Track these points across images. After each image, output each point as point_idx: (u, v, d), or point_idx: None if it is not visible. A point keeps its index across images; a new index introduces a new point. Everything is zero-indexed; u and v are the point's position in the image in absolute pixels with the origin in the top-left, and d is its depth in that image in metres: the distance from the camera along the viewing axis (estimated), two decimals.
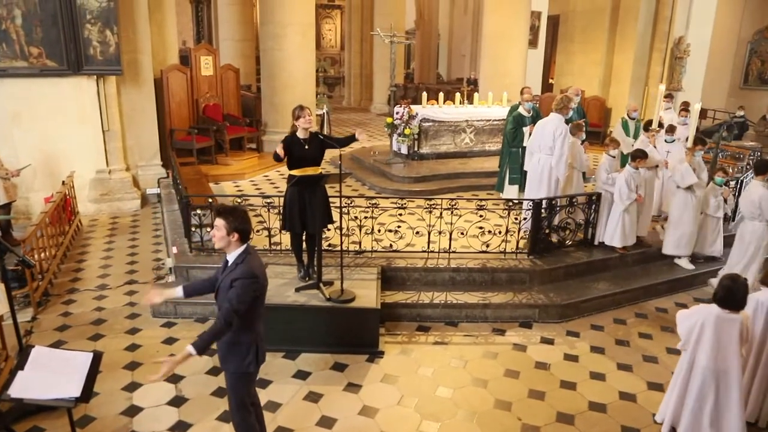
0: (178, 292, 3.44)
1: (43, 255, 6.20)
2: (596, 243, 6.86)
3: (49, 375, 3.22)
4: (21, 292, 5.63)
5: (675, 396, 4.09)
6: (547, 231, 6.52)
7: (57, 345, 5.06)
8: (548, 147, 6.73)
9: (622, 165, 7.22)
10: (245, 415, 3.46)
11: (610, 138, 7.21)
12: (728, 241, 6.84)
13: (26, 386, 3.13)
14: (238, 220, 3.17)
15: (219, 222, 3.18)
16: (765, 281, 4.26)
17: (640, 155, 6.58)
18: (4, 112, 8.08)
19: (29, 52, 7.92)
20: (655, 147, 6.82)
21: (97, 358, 3.42)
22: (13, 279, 5.44)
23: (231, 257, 3.25)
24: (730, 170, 7.81)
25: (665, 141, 7.90)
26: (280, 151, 5.13)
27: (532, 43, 16.09)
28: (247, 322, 3.23)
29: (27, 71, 7.98)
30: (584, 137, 7.25)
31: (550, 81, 18.28)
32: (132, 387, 4.58)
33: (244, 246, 3.24)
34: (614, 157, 6.96)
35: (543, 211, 6.38)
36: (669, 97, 10.62)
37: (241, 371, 3.34)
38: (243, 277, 3.12)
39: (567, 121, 7.68)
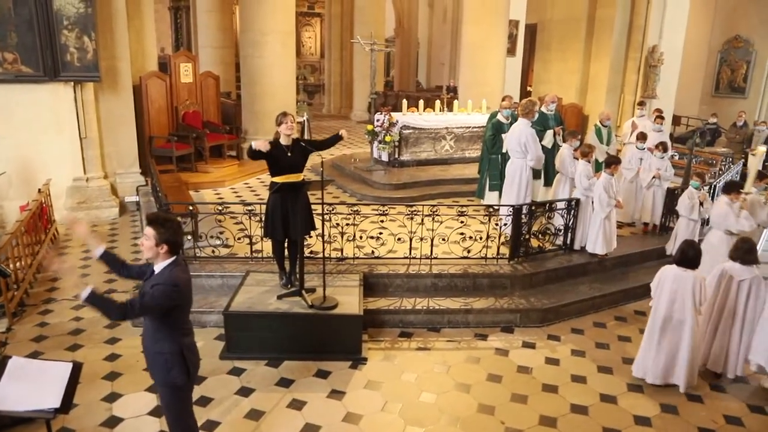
0: (99, 251, 3.29)
1: (18, 264, 6.07)
2: (577, 248, 6.94)
3: (27, 386, 3.16)
4: None
5: (643, 343, 4.97)
6: (527, 236, 6.60)
7: (34, 356, 4.95)
8: (515, 151, 6.96)
9: (596, 171, 7.33)
10: None
11: (587, 144, 7.32)
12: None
13: (3, 398, 3.07)
14: (170, 231, 3.05)
15: (149, 231, 3.03)
16: (732, 256, 4.97)
17: (614, 161, 6.72)
18: None
19: (3, 58, 7.79)
20: (740, 211, 6.02)
21: (77, 368, 3.36)
22: None
23: (157, 268, 3.13)
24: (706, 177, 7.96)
25: (636, 148, 8.09)
26: (259, 145, 5.00)
27: (510, 51, 16.24)
28: (168, 331, 3.15)
29: (1, 77, 7.84)
30: (579, 144, 7.30)
31: (528, 89, 18.51)
32: (112, 397, 4.51)
33: (173, 258, 3.12)
34: (590, 162, 7.07)
35: (523, 216, 6.45)
36: (642, 104, 10.82)
37: (168, 383, 3.24)
38: (163, 283, 3.03)
39: (544, 127, 7.83)
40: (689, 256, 4.69)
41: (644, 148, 8.03)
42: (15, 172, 8.10)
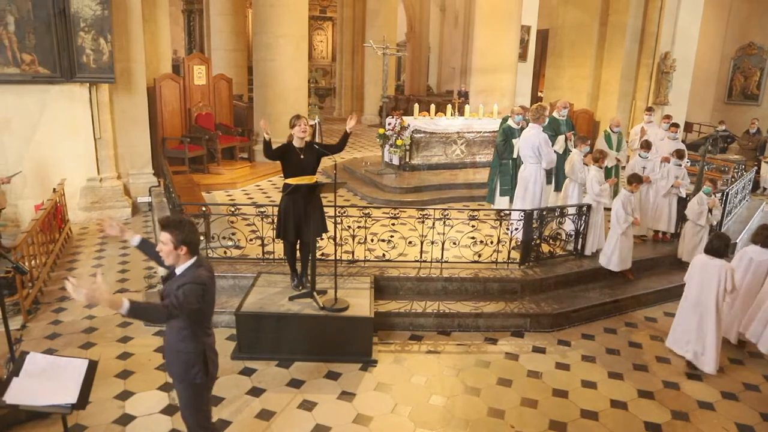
0: (135, 240, 3.43)
1: (33, 262, 6.15)
2: (588, 253, 6.92)
3: (45, 382, 3.20)
4: (11, 300, 5.57)
5: (675, 319, 5.49)
6: (538, 241, 6.59)
7: (48, 353, 5.00)
8: (528, 156, 6.95)
9: (606, 178, 7.30)
10: None
11: (599, 150, 7.29)
12: None
13: (22, 392, 3.11)
14: (185, 232, 3.03)
15: (164, 236, 3.01)
16: (753, 239, 5.62)
17: (635, 180, 6.61)
18: None
19: (21, 59, 7.90)
20: None
21: (93, 365, 3.40)
22: (3, 286, 5.39)
23: (179, 270, 3.13)
24: (718, 183, 7.84)
25: (639, 156, 7.94)
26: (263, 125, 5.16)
27: (522, 56, 16.29)
28: (192, 330, 3.15)
29: (19, 78, 7.95)
30: (588, 150, 7.26)
31: (539, 94, 18.51)
32: (124, 395, 4.56)
33: (194, 258, 3.13)
34: (602, 168, 7.04)
35: (534, 221, 6.45)
36: (650, 110, 10.74)
37: (188, 381, 3.24)
38: (191, 282, 3.02)
39: (555, 133, 7.83)
40: (715, 246, 5.17)
41: (647, 157, 7.88)
42: (30, 172, 8.20)
